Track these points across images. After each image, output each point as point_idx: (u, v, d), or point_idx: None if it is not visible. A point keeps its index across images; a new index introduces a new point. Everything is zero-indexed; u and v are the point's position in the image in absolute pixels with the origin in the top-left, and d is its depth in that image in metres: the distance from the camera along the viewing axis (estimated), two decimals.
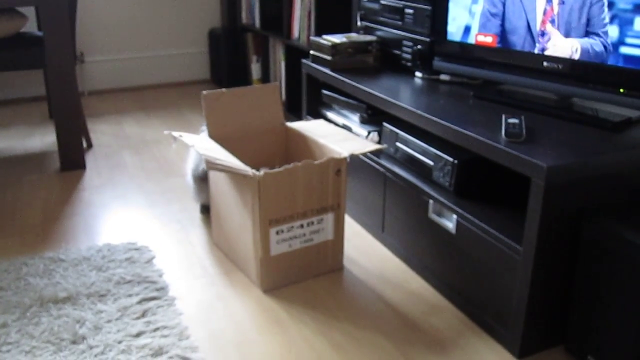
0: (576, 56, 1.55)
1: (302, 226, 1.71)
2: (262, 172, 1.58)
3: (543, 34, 1.61)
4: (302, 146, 1.96)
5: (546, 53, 1.61)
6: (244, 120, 1.96)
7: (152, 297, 1.66)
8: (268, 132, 2.02)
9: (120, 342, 1.48)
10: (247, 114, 1.97)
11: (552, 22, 1.57)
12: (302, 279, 1.78)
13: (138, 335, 1.51)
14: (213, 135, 1.90)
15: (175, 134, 1.80)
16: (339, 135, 1.88)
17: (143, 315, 1.59)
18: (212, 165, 1.59)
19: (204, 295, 1.70)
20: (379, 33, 2.25)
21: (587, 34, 1.51)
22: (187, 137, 1.78)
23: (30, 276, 1.75)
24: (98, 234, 2.04)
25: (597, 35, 1.49)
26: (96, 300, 1.64)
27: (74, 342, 1.48)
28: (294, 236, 1.71)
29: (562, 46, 1.57)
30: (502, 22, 1.71)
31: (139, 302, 1.64)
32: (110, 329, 1.53)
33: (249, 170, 1.58)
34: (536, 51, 1.63)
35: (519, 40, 1.68)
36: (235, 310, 1.64)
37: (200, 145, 1.73)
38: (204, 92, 1.88)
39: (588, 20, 1.49)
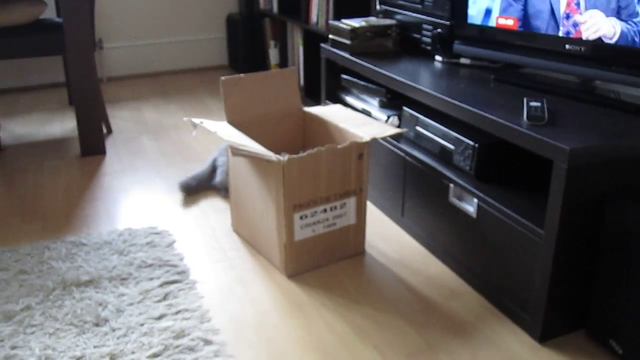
0: (600, 39, 1.53)
1: (325, 211, 1.71)
2: (286, 157, 1.58)
3: (568, 16, 1.59)
4: (321, 131, 1.96)
5: (570, 36, 1.59)
6: (262, 106, 1.96)
7: (173, 280, 1.68)
8: (286, 117, 2.01)
9: (142, 324, 1.50)
10: (265, 99, 1.96)
11: (577, 4, 1.55)
12: (325, 263, 1.78)
13: (160, 318, 1.52)
14: (232, 121, 1.89)
15: (196, 120, 1.80)
16: (358, 120, 1.88)
17: (164, 298, 1.60)
18: (236, 150, 1.59)
19: (224, 279, 1.71)
20: (398, 17, 2.24)
21: (616, 15, 1.48)
22: (208, 124, 1.78)
23: (52, 260, 1.77)
24: (119, 218, 2.05)
25: (626, 16, 1.46)
26: (118, 283, 1.66)
27: (96, 325, 1.50)
28: (318, 221, 1.71)
29: (586, 28, 1.55)
30: (525, 6, 1.69)
31: (161, 286, 1.65)
32: (132, 312, 1.54)
33: (272, 155, 1.58)
34: (560, 34, 1.61)
35: (542, 24, 1.66)
36: (255, 294, 1.65)
37: (222, 131, 1.74)
38: (223, 77, 1.88)
39: (617, 1, 1.47)
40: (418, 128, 1.87)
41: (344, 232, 1.78)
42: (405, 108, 1.94)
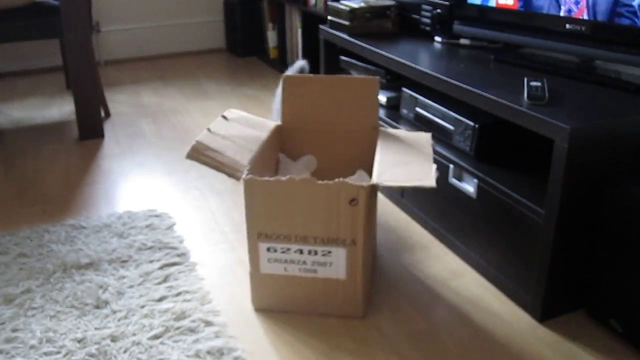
0: (600, 17, 1.52)
1: (301, 252, 1.44)
2: (248, 176, 1.39)
3: None
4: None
5: (572, 14, 1.58)
6: (327, 115, 1.70)
7: (174, 262, 1.68)
8: (355, 134, 1.71)
9: (143, 306, 1.50)
10: (334, 108, 1.69)
11: None
12: (304, 311, 1.52)
13: (160, 300, 1.52)
14: (287, 124, 1.72)
15: (232, 112, 1.67)
16: (406, 158, 1.50)
17: (165, 280, 1.60)
18: (196, 154, 1.41)
19: (224, 261, 1.71)
20: None
21: None
22: (232, 114, 1.65)
23: (52, 243, 1.76)
24: (118, 201, 2.05)
25: None
26: (118, 266, 1.66)
27: (97, 307, 1.50)
28: (291, 260, 1.46)
29: (587, 6, 1.54)
30: None
31: (161, 268, 1.65)
32: (132, 294, 1.54)
33: (238, 170, 1.41)
34: (562, 13, 1.60)
35: (543, 3, 1.65)
36: None
37: (219, 128, 1.57)
38: (285, 74, 1.70)
39: None
40: (418, 109, 1.86)
41: (331, 285, 1.47)
42: (404, 89, 1.93)
